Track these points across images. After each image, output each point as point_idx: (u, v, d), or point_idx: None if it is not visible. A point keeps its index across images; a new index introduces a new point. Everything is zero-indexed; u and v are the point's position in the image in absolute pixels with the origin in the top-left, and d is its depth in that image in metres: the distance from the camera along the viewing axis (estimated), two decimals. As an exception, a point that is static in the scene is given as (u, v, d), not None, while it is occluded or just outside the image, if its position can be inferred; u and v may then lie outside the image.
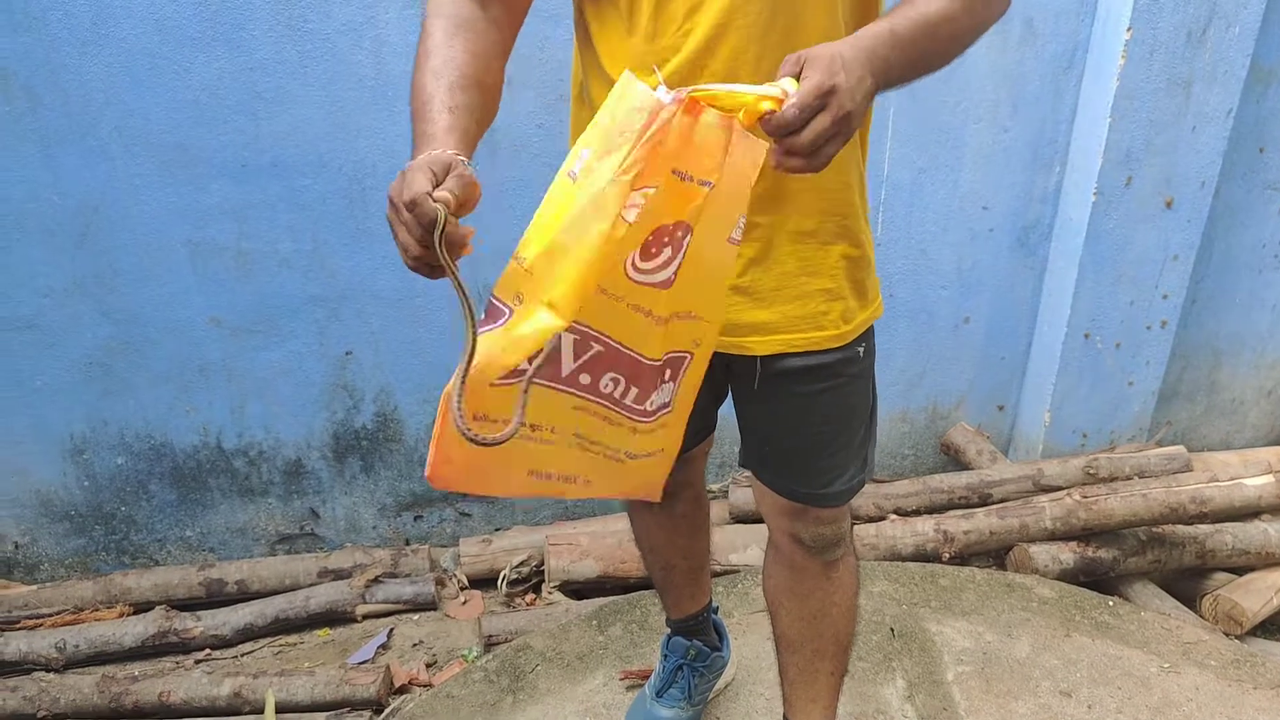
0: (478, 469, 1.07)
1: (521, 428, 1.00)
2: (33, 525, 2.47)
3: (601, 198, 0.95)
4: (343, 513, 2.62)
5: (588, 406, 1.11)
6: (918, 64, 1.07)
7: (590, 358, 1.06)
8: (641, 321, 1.04)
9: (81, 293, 2.25)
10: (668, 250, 1.00)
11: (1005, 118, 2.54)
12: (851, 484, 1.43)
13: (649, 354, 1.09)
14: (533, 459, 1.12)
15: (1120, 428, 2.91)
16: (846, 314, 1.34)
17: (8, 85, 2.04)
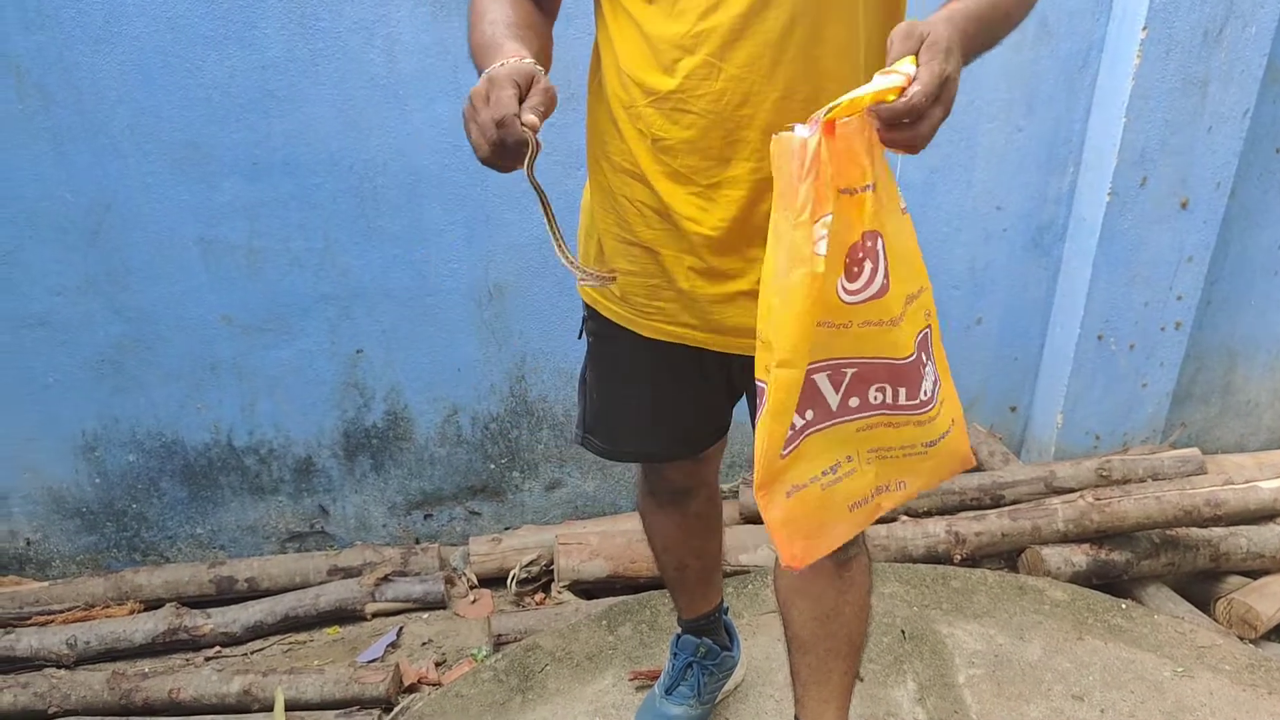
0: (817, 530, 1.15)
1: (825, 476, 1.14)
2: (44, 522, 2.48)
3: (793, 246, 1.00)
4: (353, 511, 2.62)
5: (870, 422, 1.15)
6: (985, 45, 1.11)
7: (850, 382, 1.11)
8: (878, 332, 1.08)
9: (93, 290, 2.26)
10: (868, 263, 1.04)
11: (1019, 117, 2.52)
12: None
13: (900, 354, 1.12)
14: (848, 495, 1.17)
15: (1134, 429, 2.89)
16: None
17: (21, 83, 2.05)
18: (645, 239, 1.32)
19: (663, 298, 1.36)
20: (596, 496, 2.75)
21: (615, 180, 1.33)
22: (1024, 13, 1.17)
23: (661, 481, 1.69)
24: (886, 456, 1.19)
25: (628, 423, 1.56)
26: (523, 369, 2.55)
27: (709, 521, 1.78)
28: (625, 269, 1.36)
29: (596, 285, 1.23)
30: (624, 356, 1.48)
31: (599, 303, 1.46)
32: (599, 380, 1.56)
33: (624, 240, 1.35)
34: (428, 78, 2.21)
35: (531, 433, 2.63)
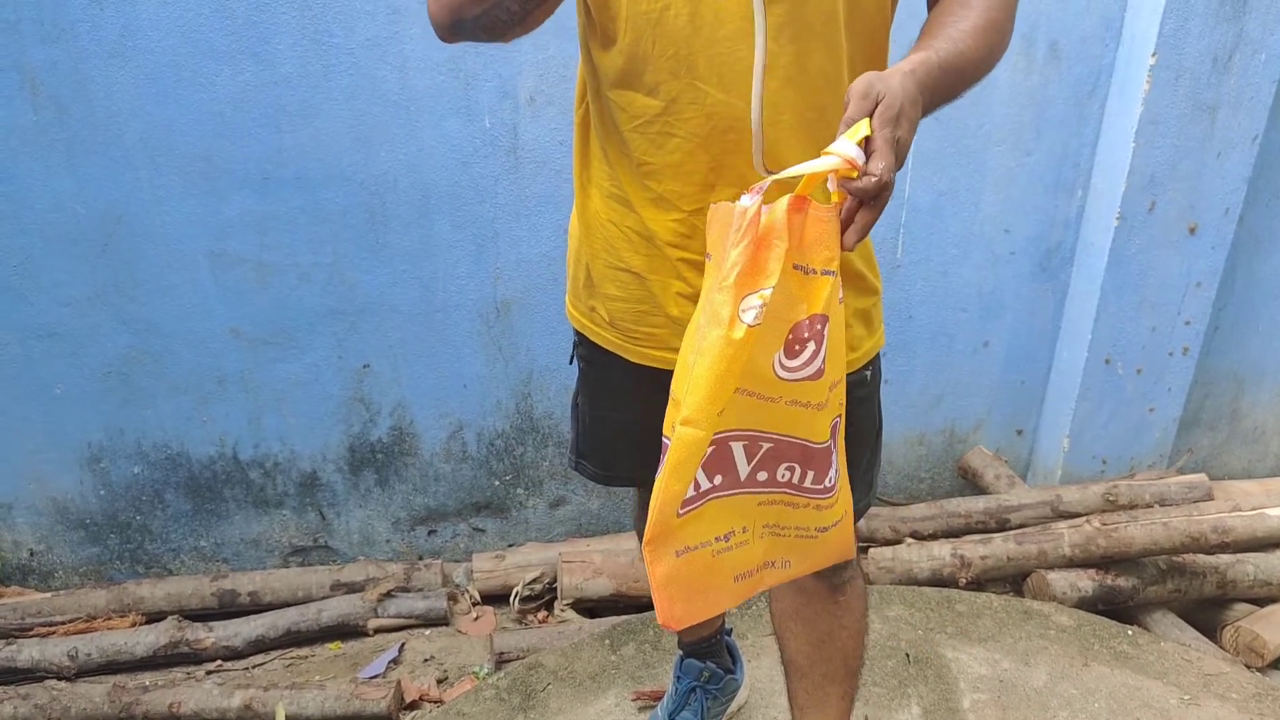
0: (699, 595, 1.14)
1: (718, 543, 1.12)
2: (49, 533, 2.47)
3: (712, 306, 0.99)
4: (356, 526, 2.62)
5: (772, 498, 1.15)
6: (949, 96, 1.10)
7: (763, 455, 1.11)
8: (803, 413, 1.08)
9: (102, 302, 2.27)
10: (811, 344, 1.03)
11: (1028, 141, 2.52)
12: (858, 507, 1.41)
13: (816, 438, 1.11)
14: (736, 565, 1.17)
15: (1141, 455, 2.88)
16: (853, 341, 1.34)
17: (36, 95, 2.06)
18: (633, 265, 1.32)
19: (651, 323, 1.36)
20: (600, 515, 2.75)
21: (602, 206, 1.33)
22: (993, 61, 1.16)
23: None
24: (779, 534, 1.19)
25: (620, 448, 1.56)
26: (529, 386, 2.55)
27: None
28: (614, 295, 1.37)
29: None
30: (614, 382, 1.48)
31: (588, 329, 1.46)
32: (590, 405, 1.56)
33: (612, 266, 1.35)
34: (439, 95, 2.22)
35: (537, 450, 2.63)
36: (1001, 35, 1.15)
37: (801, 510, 1.17)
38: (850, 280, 1.30)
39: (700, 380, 1.00)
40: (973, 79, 1.13)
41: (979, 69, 1.13)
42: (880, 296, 1.40)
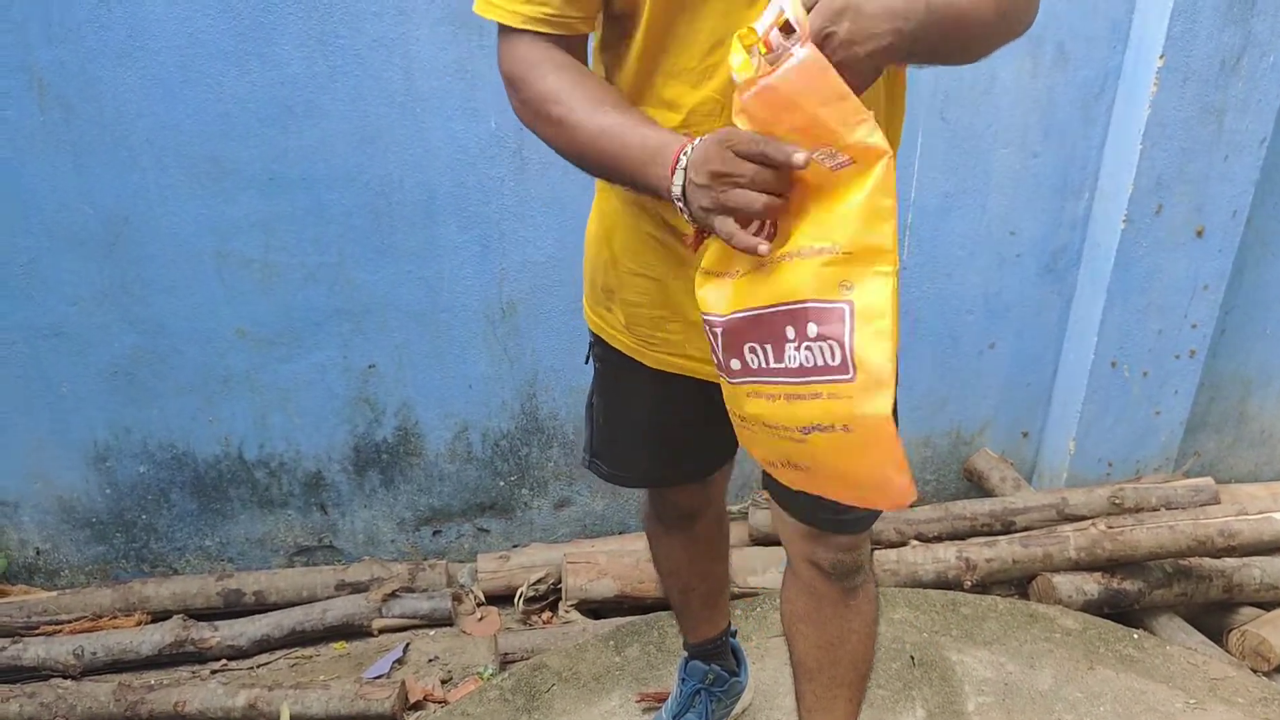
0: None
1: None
2: (54, 531, 2.48)
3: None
4: (361, 526, 2.62)
5: (758, 389, 1.07)
6: (939, 46, 1.04)
7: (730, 342, 1.07)
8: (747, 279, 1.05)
9: (109, 301, 2.27)
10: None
11: (1035, 143, 2.52)
12: (870, 510, 1.41)
13: (757, 303, 1.04)
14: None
15: (1147, 458, 2.87)
16: None
17: (43, 96, 2.07)
18: (652, 269, 1.32)
19: (668, 329, 1.36)
20: (605, 515, 2.75)
21: (622, 210, 1.33)
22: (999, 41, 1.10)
23: (668, 504, 1.69)
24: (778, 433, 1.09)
25: (633, 449, 1.56)
26: (534, 386, 2.55)
27: (716, 544, 1.77)
28: (631, 300, 1.37)
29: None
30: (629, 384, 1.48)
31: (604, 331, 1.46)
32: (605, 406, 1.56)
33: (631, 271, 1.35)
34: (445, 96, 2.22)
35: (541, 450, 2.63)
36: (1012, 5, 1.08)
37: (775, 403, 1.06)
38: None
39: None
40: (978, 29, 1.06)
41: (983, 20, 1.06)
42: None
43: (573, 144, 1.13)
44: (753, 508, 2.63)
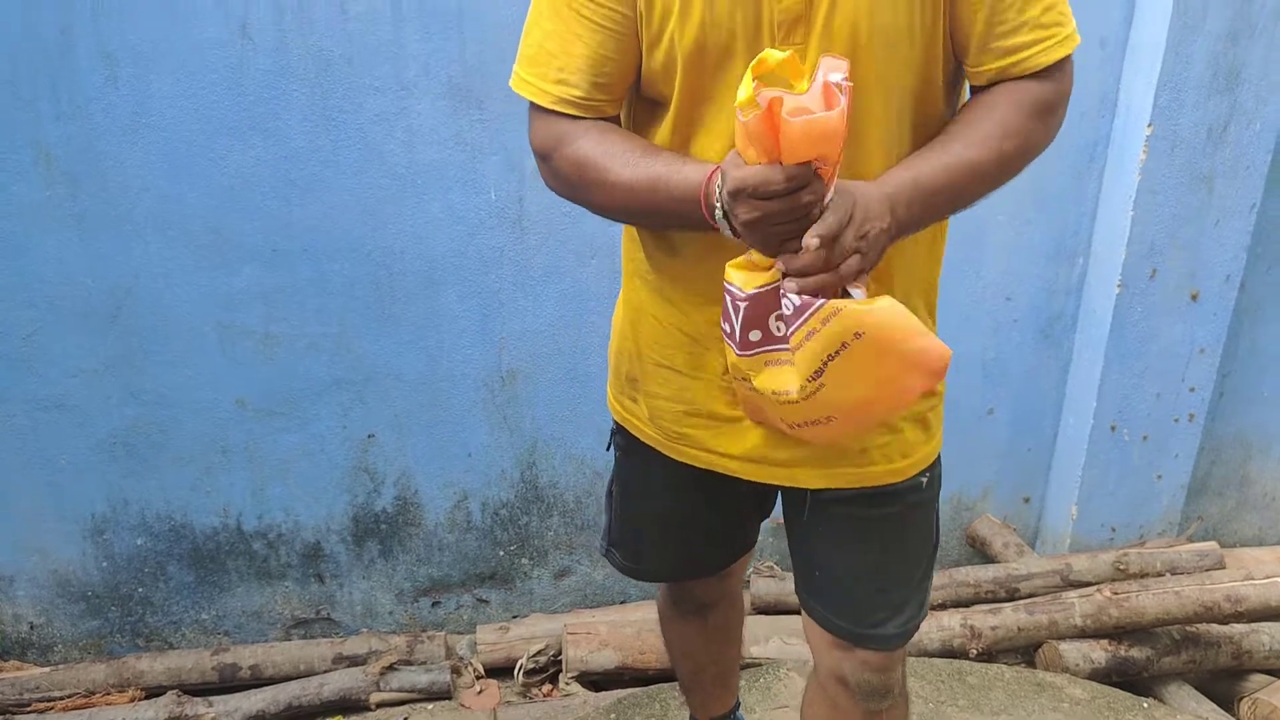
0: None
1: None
2: (49, 606, 2.45)
3: None
4: (359, 597, 2.59)
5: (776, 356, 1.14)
6: (940, 209, 1.13)
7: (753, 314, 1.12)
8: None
9: (110, 373, 2.28)
10: None
11: (1028, 210, 2.55)
12: (906, 627, 1.35)
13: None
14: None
15: (1150, 522, 2.86)
16: (904, 449, 1.30)
17: (50, 170, 2.10)
18: (676, 363, 1.31)
19: (690, 423, 1.33)
20: (606, 585, 2.72)
21: (648, 299, 1.32)
22: (1013, 168, 1.16)
23: (684, 594, 1.65)
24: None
25: (651, 543, 1.54)
26: (534, 455, 2.55)
27: (730, 630, 1.73)
28: (655, 392, 1.35)
29: None
30: (650, 475, 1.45)
31: (628, 421, 1.44)
32: (624, 496, 1.53)
33: (655, 363, 1.33)
34: (445, 168, 2.25)
35: (541, 519, 2.61)
36: (1024, 141, 1.14)
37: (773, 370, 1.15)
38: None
39: None
40: (980, 188, 1.13)
41: (987, 178, 1.13)
42: (942, 399, 1.37)
43: (613, 201, 1.17)
44: (754, 576, 2.60)
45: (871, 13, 1.09)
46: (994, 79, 1.15)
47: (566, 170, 1.19)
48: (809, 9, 1.10)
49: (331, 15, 2.11)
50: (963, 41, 1.14)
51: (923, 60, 1.14)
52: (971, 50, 1.14)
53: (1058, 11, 1.12)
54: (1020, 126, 1.13)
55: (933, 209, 1.11)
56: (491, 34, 2.15)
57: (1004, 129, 1.12)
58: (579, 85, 1.17)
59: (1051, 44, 1.12)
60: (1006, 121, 1.12)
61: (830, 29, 1.10)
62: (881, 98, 1.13)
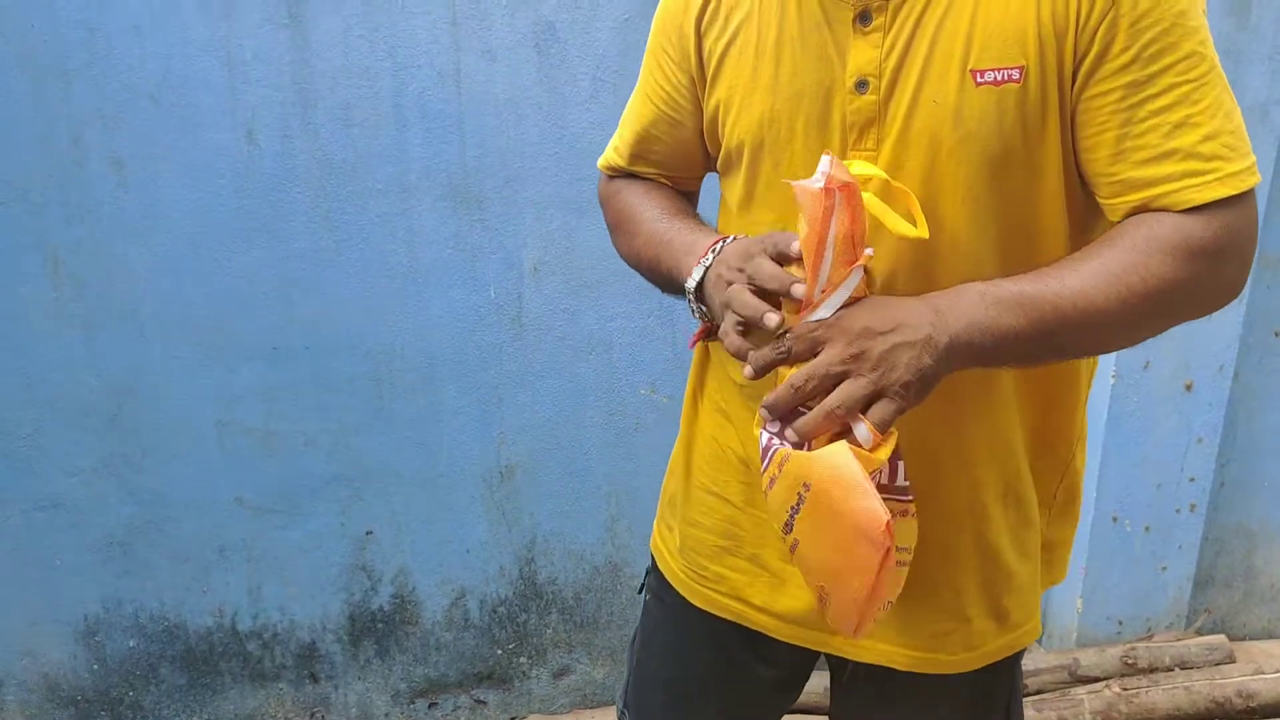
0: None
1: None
2: (38, 711, 2.40)
3: None
4: (355, 699, 2.54)
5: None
6: (1027, 343, 0.89)
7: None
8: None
9: (108, 472, 2.28)
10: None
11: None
12: None
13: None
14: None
15: (1156, 615, 2.82)
16: (970, 640, 1.11)
17: (57, 272, 2.14)
18: (727, 490, 1.18)
19: (727, 563, 1.19)
20: (605, 685, 2.67)
21: (708, 420, 1.21)
22: (1138, 318, 0.91)
23: None
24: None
25: (659, 707, 1.34)
26: (532, 551, 2.53)
27: None
28: (696, 519, 1.21)
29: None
30: (672, 627, 1.29)
31: (660, 551, 1.30)
32: (643, 649, 1.37)
33: (703, 487, 1.21)
34: (446, 267, 2.29)
35: (540, 617, 2.58)
36: (1160, 281, 0.88)
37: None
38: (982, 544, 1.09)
39: None
40: (1090, 327, 0.89)
41: (1098, 315, 0.88)
42: (1033, 581, 1.16)
43: (633, 252, 1.17)
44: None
45: (957, 121, 0.93)
46: (1130, 214, 0.94)
47: (609, 220, 1.23)
48: (882, 110, 0.97)
49: (335, 121, 2.18)
50: (1088, 167, 0.95)
51: (1032, 190, 0.96)
52: (1100, 180, 0.94)
53: (1221, 143, 0.89)
54: (1151, 265, 0.88)
55: (1012, 339, 0.88)
56: (491, 138, 2.21)
57: (1130, 263, 0.89)
58: (624, 156, 1.23)
59: (1209, 180, 0.88)
60: (1134, 251, 0.89)
61: (908, 137, 0.96)
62: (973, 229, 0.96)
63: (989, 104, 0.92)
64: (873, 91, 0.95)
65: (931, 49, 0.93)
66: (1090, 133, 0.92)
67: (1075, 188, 0.97)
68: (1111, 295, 0.88)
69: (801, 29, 0.99)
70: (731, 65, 1.06)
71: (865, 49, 0.95)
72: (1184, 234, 0.88)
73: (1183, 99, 0.88)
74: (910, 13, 0.94)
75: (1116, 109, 0.90)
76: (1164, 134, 0.88)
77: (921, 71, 0.94)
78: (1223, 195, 0.88)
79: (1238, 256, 0.92)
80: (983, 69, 0.91)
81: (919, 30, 0.94)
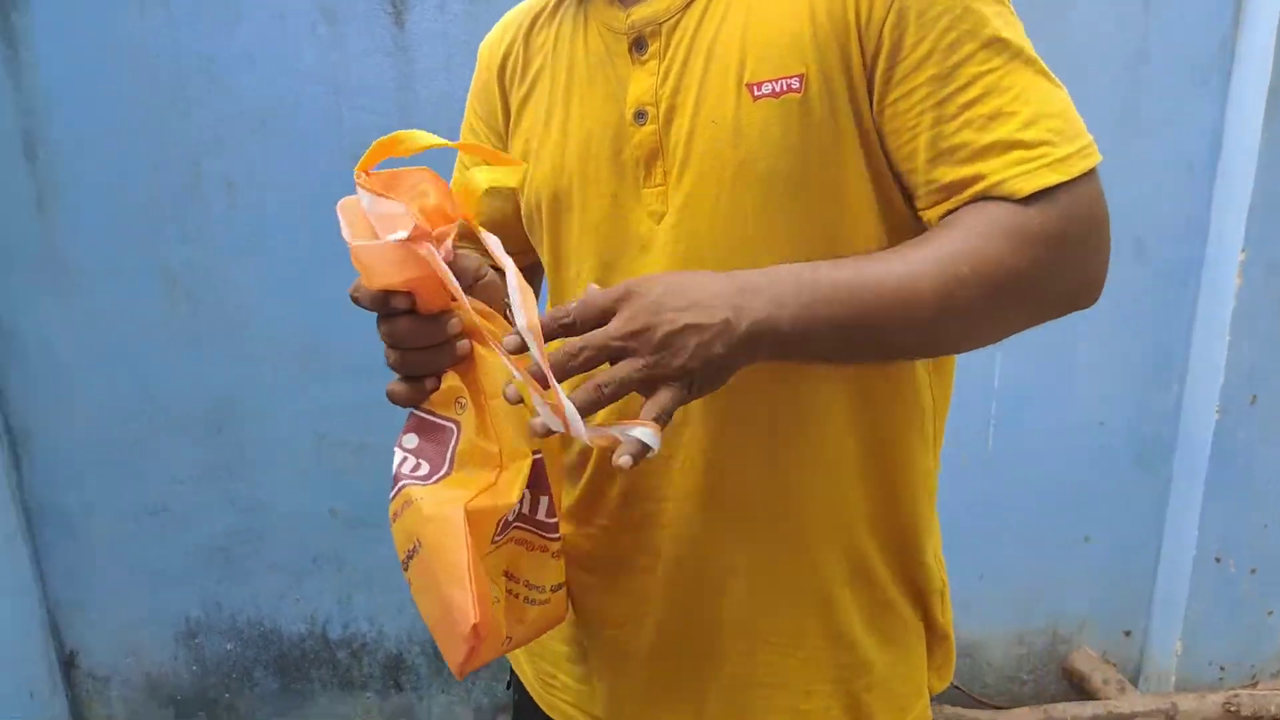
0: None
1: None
2: (140, 708, 2.51)
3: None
4: (439, 711, 2.59)
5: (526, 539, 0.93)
6: (843, 331, 0.80)
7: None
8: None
9: (211, 481, 2.37)
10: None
11: (1119, 332, 2.51)
12: None
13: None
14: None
15: (1262, 661, 2.69)
16: None
17: (174, 291, 2.25)
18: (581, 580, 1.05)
19: (571, 673, 1.08)
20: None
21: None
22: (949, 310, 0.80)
23: None
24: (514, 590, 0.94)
25: None
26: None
27: None
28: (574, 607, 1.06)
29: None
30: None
31: (515, 656, 1.17)
32: None
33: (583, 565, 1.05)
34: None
35: (621, 638, 2.59)
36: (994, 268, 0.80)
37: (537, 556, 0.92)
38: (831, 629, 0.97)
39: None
40: (914, 317, 0.80)
41: (924, 305, 0.79)
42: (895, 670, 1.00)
43: None
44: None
45: (737, 140, 0.85)
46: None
47: None
48: (663, 139, 0.89)
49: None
50: (909, 179, 0.86)
51: (833, 214, 0.87)
52: (921, 190, 0.85)
53: (1045, 128, 0.80)
54: (983, 249, 0.80)
55: (827, 330, 0.79)
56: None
57: (960, 250, 0.80)
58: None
59: (1036, 167, 0.80)
60: (967, 238, 0.80)
61: (690, 163, 0.88)
62: (773, 260, 0.84)
63: (770, 118, 0.84)
64: (651, 121, 0.89)
65: (706, 68, 0.86)
66: (903, 140, 0.83)
67: (889, 210, 0.88)
68: (939, 284, 0.79)
69: (589, 68, 0.94)
70: (529, 116, 1.00)
71: (643, 78, 0.90)
72: (1020, 218, 0.80)
73: (992, 89, 0.80)
74: (684, 35, 0.88)
75: (924, 109, 0.82)
76: (978, 128, 0.80)
77: (699, 93, 0.87)
78: (1054, 181, 0.79)
79: (1082, 245, 0.84)
80: (759, 81, 0.84)
81: (693, 51, 0.87)
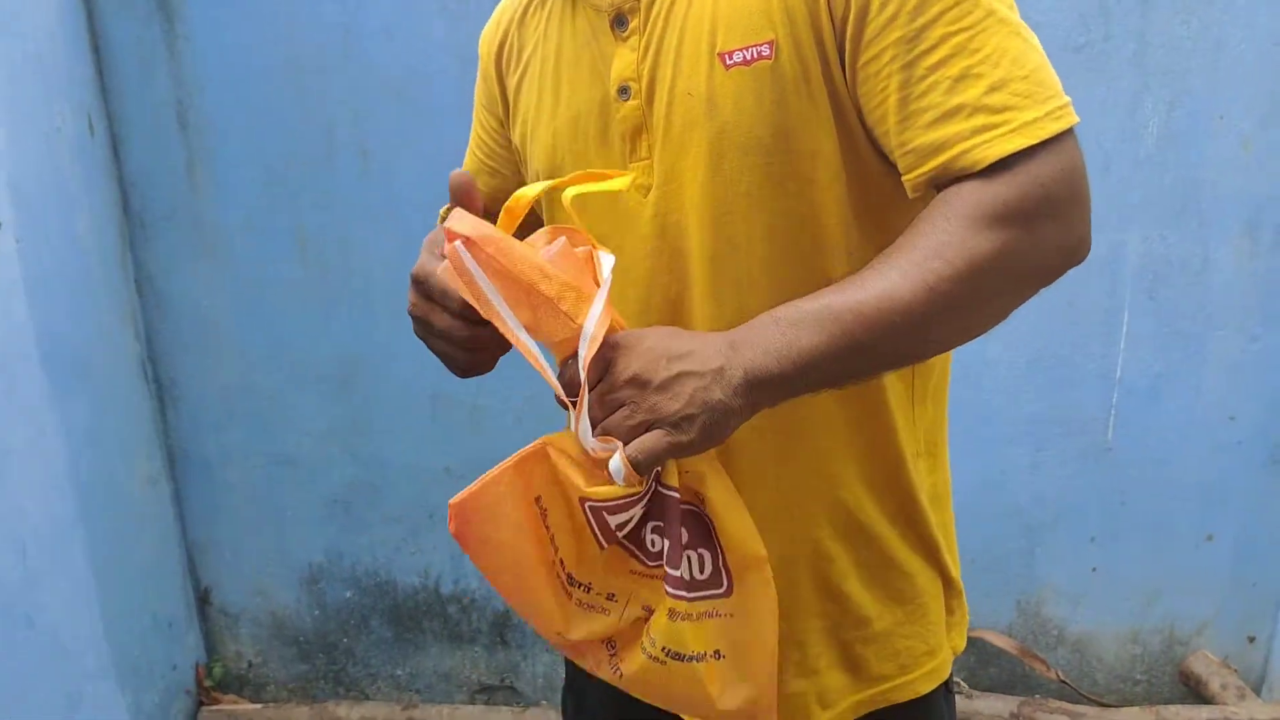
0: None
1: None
2: (266, 647, 2.66)
3: None
4: (542, 670, 2.67)
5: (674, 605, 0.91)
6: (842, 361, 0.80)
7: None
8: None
9: (336, 435, 2.49)
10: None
11: (1254, 326, 2.40)
12: None
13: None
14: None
15: (1400, 677, 2.55)
16: (824, 697, 1.00)
17: (305, 254, 2.36)
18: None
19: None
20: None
21: None
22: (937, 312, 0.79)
23: None
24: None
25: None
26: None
27: None
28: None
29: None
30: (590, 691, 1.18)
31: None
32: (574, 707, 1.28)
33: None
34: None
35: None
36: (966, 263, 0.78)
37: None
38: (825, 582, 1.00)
39: None
40: (904, 329, 0.79)
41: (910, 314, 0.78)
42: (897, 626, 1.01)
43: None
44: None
45: (712, 110, 0.88)
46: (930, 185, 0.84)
47: None
48: (646, 114, 0.93)
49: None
50: (884, 143, 0.86)
51: (812, 181, 0.89)
52: (896, 154, 0.85)
53: (1011, 92, 0.79)
54: (954, 241, 0.78)
55: (818, 357, 0.79)
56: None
57: (932, 247, 0.79)
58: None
59: (1002, 133, 0.78)
60: (935, 234, 0.79)
61: (672, 136, 0.91)
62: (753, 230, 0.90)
63: (744, 87, 0.86)
64: (635, 96, 0.92)
65: (681, 40, 0.89)
66: (875, 104, 0.84)
67: (862, 176, 0.89)
68: (919, 287, 0.77)
69: (576, 48, 0.98)
70: (524, 99, 1.05)
71: (625, 54, 0.93)
72: (985, 198, 0.78)
73: (959, 50, 0.79)
74: (660, 9, 0.91)
75: (892, 71, 0.82)
76: (945, 90, 0.79)
77: (674, 65, 0.89)
78: (1020, 146, 0.78)
79: (1057, 213, 0.79)
80: (730, 49, 0.86)
81: (669, 24, 0.90)
